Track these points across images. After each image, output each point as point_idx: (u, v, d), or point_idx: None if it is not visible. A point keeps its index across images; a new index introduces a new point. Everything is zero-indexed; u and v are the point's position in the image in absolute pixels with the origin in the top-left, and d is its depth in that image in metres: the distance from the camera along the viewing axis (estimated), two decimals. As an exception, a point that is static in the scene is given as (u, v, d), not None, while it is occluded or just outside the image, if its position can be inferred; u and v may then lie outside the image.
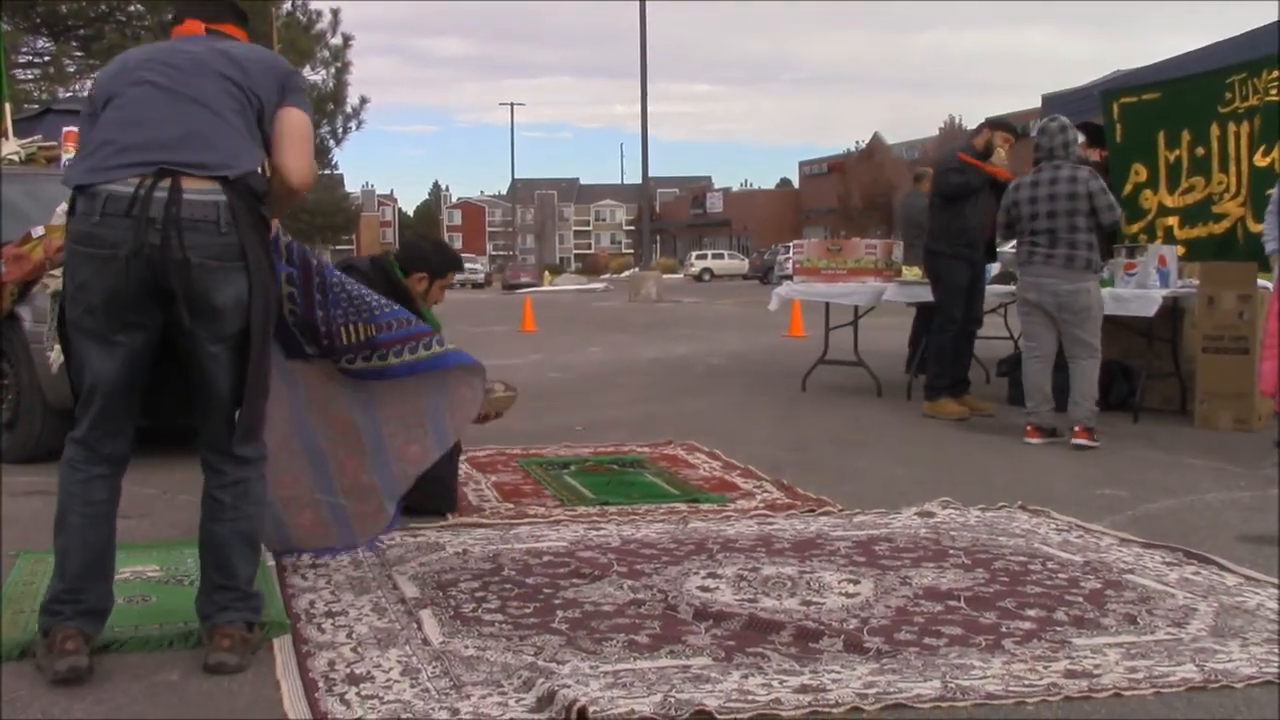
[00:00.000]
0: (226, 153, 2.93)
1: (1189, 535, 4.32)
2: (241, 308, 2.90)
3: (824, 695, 2.66)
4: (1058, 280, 6.35)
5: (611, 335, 16.53)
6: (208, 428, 3.04)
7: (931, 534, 4.31)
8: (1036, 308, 6.47)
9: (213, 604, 3.01)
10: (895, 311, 9.70)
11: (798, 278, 9.12)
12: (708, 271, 57.83)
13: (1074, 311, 6.34)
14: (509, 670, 2.84)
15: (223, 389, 2.96)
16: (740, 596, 3.49)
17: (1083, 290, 6.33)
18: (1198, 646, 3.01)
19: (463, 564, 3.88)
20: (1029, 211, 6.46)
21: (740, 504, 4.89)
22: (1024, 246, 6.53)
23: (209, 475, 3.07)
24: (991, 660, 2.92)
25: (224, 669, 2.88)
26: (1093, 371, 6.37)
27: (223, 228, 2.86)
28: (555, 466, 5.74)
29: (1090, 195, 6.31)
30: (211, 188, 2.87)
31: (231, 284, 2.88)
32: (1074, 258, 6.32)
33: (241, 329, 2.92)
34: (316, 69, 23.71)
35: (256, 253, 2.93)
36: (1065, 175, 6.39)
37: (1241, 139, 7.86)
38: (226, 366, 2.95)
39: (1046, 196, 6.40)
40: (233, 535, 3.03)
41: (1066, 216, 6.33)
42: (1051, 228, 6.37)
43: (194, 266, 2.82)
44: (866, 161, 59.75)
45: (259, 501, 3.11)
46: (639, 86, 33.17)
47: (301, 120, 3.10)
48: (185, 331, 2.89)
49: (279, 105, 3.07)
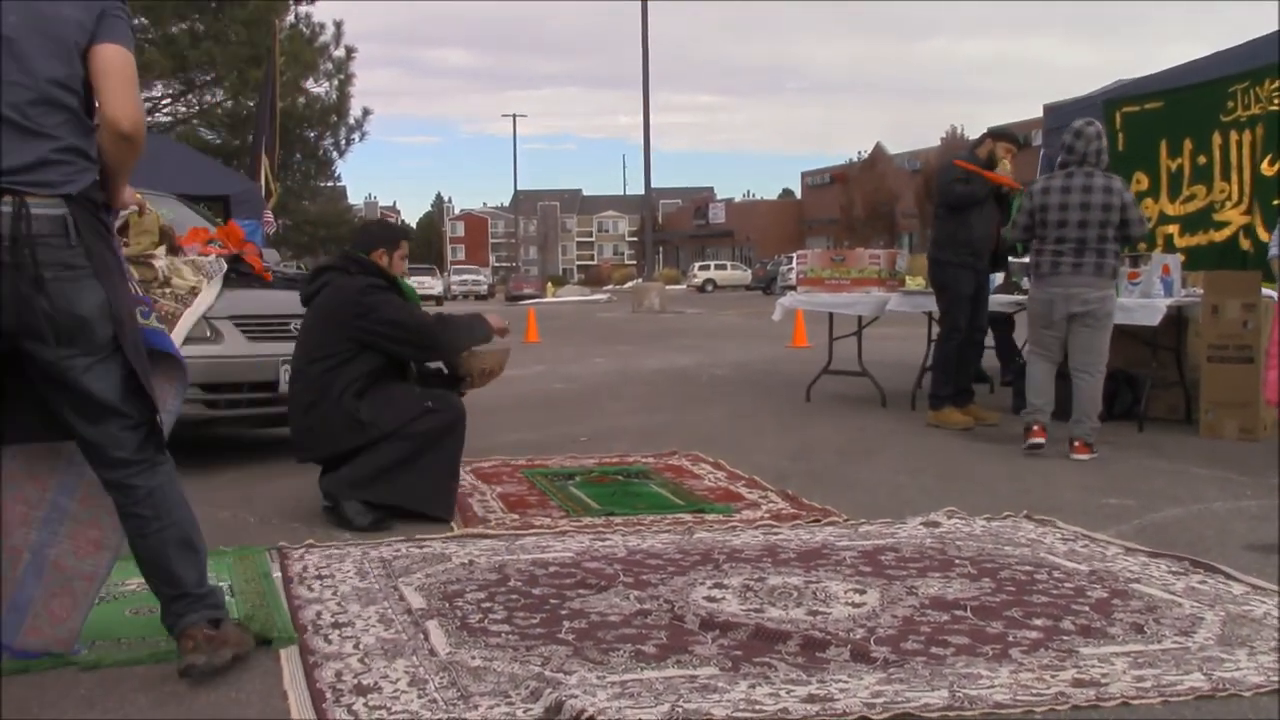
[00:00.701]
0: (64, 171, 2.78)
1: (1195, 544, 4.32)
2: (106, 313, 2.81)
3: (831, 705, 2.66)
4: (1088, 289, 6.22)
5: (615, 346, 16.54)
6: (103, 444, 2.90)
7: (937, 544, 4.31)
8: (1057, 321, 6.31)
9: (173, 615, 2.97)
10: (899, 321, 9.70)
11: (801, 288, 9.12)
12: (711, 282, 57.88)
13: (1098, 319, 6.25)
14: (516, 681, 2.84)
15: (113, 398, 2.86)
16: (746, 606, 3.49)
17: (1109, 298, 6.29)
18: (1205, 655, 3.01)
19: (469, 575, 3.88)
20: (1057, 218, 6.28)
21: (746, 514, 4.89)
22: (1047, 254, 6.33)
23: (121, 494, 2.94)
24: (999, 669, 2.92)
25: (194, 671, 2.85)
26: (1099, 387, 6.31)
27: (72, 240, 2.76)
28: (560, 477, 5.74)
29: (1124, 207, 6.22)
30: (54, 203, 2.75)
31: (91, 291, 2.79)
32: (1103, 266, 6.22)
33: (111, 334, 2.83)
34: (320, 81, 23.81)
35: (104, 258, 2.83)
36: (1100, 184, 6.25)
37: (1244, 147, 7.88)
38: (107, 375, 2.84)
39: (1079, 204, 6.23)
40: (165, 545, 2.94)
41: (1099, 226, 6.19)
42: (1083, 236, 6.21)
43: (48, 281, 2.73)
44: (869, 171, 59.81)
45: (180, 503, 3.00)
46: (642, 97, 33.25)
47: (120, 56, 2.83)
48: (50, 359, 2.79)
49: (93, 40, 2.82)
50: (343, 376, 4.77)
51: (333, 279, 4.96)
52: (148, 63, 20.14)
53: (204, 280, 5.98)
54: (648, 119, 33.76)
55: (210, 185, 11.42)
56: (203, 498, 5.32)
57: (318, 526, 4.68)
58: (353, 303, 4.81)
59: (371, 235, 5.18)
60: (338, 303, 4.85)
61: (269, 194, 11.92)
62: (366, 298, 4.82)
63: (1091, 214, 6.21)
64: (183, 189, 8.84)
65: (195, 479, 5.79)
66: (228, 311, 5.96)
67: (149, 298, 3.36)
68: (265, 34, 16.00)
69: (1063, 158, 6.47)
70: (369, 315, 4.79)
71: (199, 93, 23.05)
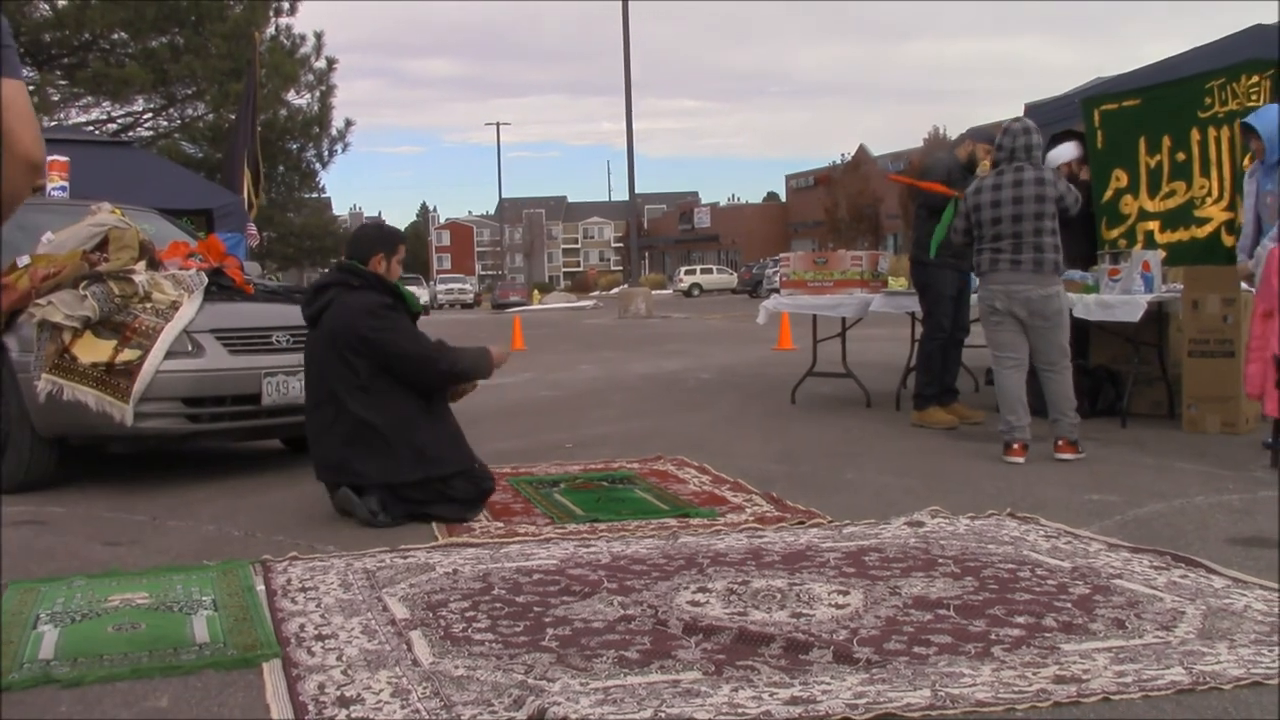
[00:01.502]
0: None
1: (1177, 539, 4.34)
2: None
3: (814, 707, 2.66)
4: (1029, 286, 6.17)
5: (601, 352, 16.54)
6: None
7: (921, 543, 4.31)
8: (1006, 315, 6.26)
9: None
10: (883, 323, 9.72)
11: (785, 290, 9.13)
12: (697, 286, 57.94)
13: (1046, 317, 6.18)
14: (499, 689, 2.84)
15: None
16: (730, 610, 3.49)
17: (1054, 295, 6.19)
18: (1186, 649, 3.02)
19: (453, 584, 3.87)
20: (991, 215, 6.27)
21: (730, 518, 4.89)
22: (986, 252, 6.31)
23: None
24: (981, 668, 2.92)
25: None
26: (1069, 381, 6.21)
27: None
28: (545, 484, 5.74)
29: (1060, 197, 6.17)
30: None
31: None
32: (1042, 261, 6.16)
33: None
34: (301, 93, 23.77)
35: None
36: (1030, 178, 6.21)
37: (1223, 144, 7.90)
38: None
39: (1011, 200, 6.21)
40: None
41: (1034, 219, 6.16)
42: (1017, 231, 6.19)
43: None
44: (853, 173, 60.03)
45: None
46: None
47: (22, 90, 2.62)
48: None
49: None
50: (390, 408, 4.87)
51: (337, 296, 4.99)
52: (128, 77, 20.12)
53: (185, 294, 5.97)
54: (630, 125, 33.79)
55: (192, 199, 11.36)
56: (186, 511, 5.33)
57: (302, 539, 4.67)
58: (363, 326, 4.87)
59: (368, 239, 5.18)
60: (345, 325, 4.90)
61: (252, 207, 11.88)
62: (375, 323, 4.89)
63: (1024, 208, 6.17)
64: (164, 203, 8.81)
65: (178, 493, 5.79)
66: (209, 325, 5.95)
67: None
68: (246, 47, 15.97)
69: (994, 156, 6.50)
70: (376, 346, 4.86)
71: (180, 106, 22.95)
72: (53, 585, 3.95)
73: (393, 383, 4.90)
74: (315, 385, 5.02)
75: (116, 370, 5.59)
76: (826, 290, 8.68)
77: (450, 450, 4.97)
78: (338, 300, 4.97)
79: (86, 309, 5.66)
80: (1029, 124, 6.42)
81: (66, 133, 12.38)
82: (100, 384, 5.58)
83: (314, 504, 5.30)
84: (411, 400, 4.93)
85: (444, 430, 5.01)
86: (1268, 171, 6.31)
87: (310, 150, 24.74)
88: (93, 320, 5.67)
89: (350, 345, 4.86)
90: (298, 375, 6.00)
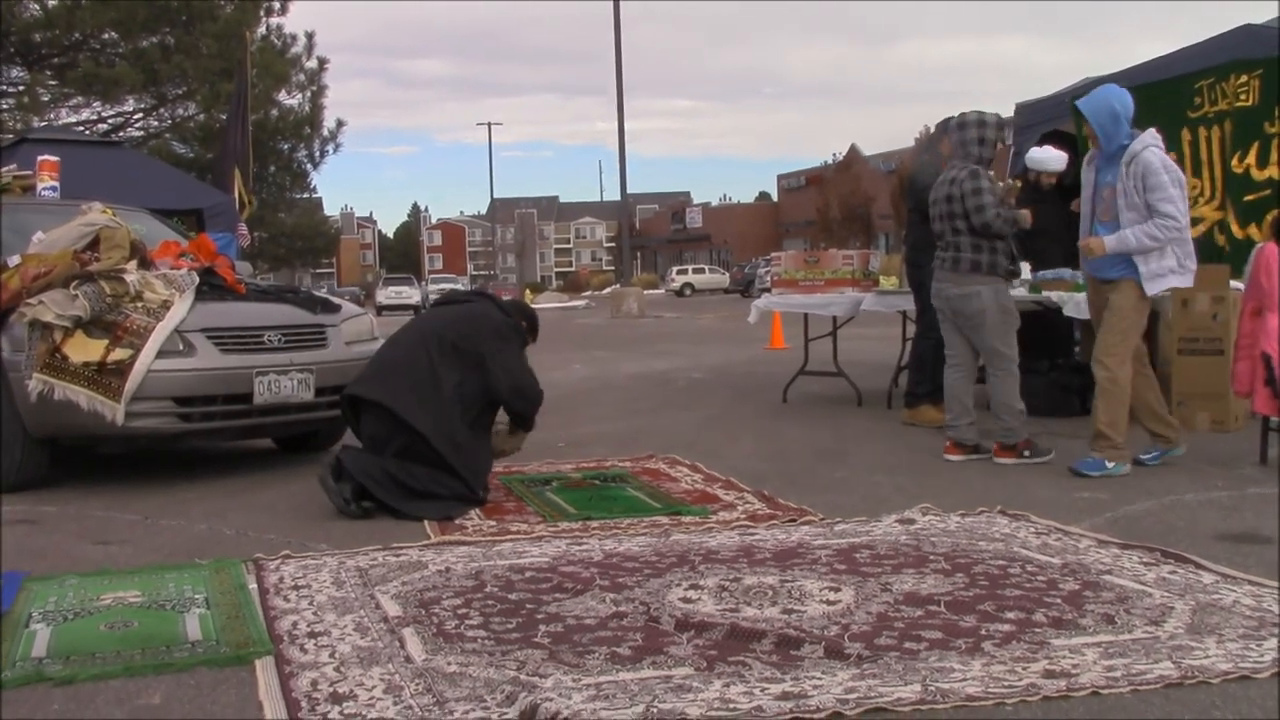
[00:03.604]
0: None
1: (1167, 535, 4.36)
2: None
3: (805, 701, 2.68)
4: (947, 285, 6.18)
5: (593, 352, 16.55)
6: None
7: (912, 540, 4.33)
8: (944, 314, 6.31)
9: None
10: (874, 322, 9.74)
11: (776, 289, 9.14)
12: (689, 286, 57.93)
13: (966, 317, 6.12)
14: (492, 685, 2.84)
15: None
16: (722, 606, 3.50)
17: (972, 294, 6.06)
18: (1175, 644, 3.04)
19: (445, 581, 3.88)
20: (934, 214, 6.32)
21: (722, 515, 4.91)
22: (936, 250, 6.40)
23: None
24: (971, 663, 2.94)
25: None
26: (1009, 384, 6.08)
27: None
28: (537, 483, 5.75)
29: (962, 197, 6.06)
30: None
31: None
32: (958, 260, 6.12)
33: None
34: (292, 93, 23.73)
35: None
36: (948, 177, 6.22)
37: (1214, 144, 7.94)
38: None
39: (943, 198, 6.22)
40: None
41: (949, 219, 6.16)
42: (941, 230, 6.24)
43: None
44: (844, 173, 60.14)
45: None
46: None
47: None
48: None
49: None
50: (465, 400, 5.15)
51: (485, 305, 5.51)
52: (118, 77, 20.07)
53: (176, 293, 5.96)
54: (622, 125, 33.81)
55: (184, 199, 11.34)
56: (178, 510, 5.33)
57: (294, 537, 4.67)
58: (496, 327, 5.31)
59: (526, 313, 5.64)
60: (482, 318, 5.34)
61: (243, 207, 11.86)
62: (506, 333, 5.32)
63: (950, 206, 6.17)
64: (155, 203, 8.78)
65: (170, 492, 5.79)
66: (200, 324, 5.94)
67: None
68: (237, 47, 15.93)
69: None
70: (495, 349, 5.22)
71: (171, 106, 22.91)
72: (45, 584, 3.95)
73: (483, 389, 5.20)
74: (416, 348, 5.25)
75: (108, 370, 5.58)
76: (818, 289, 8.69)
77: (484, 461, 5.30)
78: (483, 305, 5.49)
79: (78, 308, 5.65)
80: (973, 117, 6.25)
81: (57, 133, 12.37)
82: (92, 383, 5.57)
83: (306, 503, 5.31)
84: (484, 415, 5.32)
85: (485, 447, 5.35)
86: (1106, 162, 5.79)
87: (301, 150, 24.71)
88: (84, 320, 5.67)
89: (475, 334, 5.22)
90: (289, 374, 6.02)
